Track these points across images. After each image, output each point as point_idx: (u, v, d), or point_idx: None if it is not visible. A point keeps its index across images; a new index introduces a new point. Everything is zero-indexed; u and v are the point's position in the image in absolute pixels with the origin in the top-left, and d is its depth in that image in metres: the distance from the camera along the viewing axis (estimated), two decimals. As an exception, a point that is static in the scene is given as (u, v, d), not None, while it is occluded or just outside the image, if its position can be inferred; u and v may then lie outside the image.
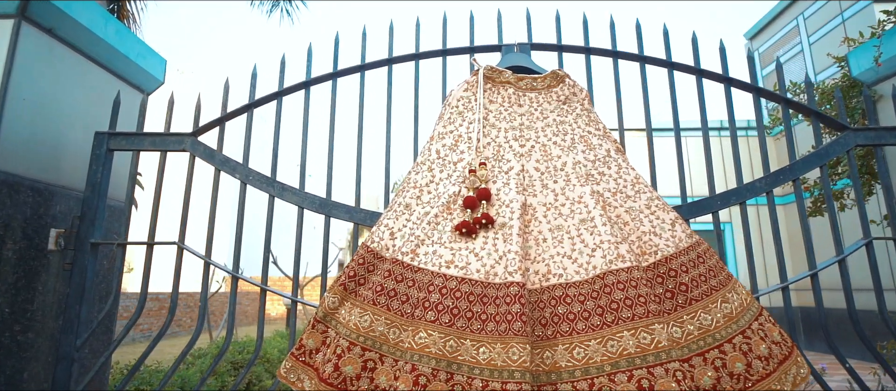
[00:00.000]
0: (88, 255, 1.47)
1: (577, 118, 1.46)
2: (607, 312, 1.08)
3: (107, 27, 1.69)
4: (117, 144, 1.57)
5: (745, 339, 1.10)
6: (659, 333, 1.05)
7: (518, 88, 1.52)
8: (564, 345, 1.08)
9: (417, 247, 1.23)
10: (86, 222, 1.49)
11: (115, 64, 1.81)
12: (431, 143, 1.44)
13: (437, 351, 1.07)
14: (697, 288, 1.15)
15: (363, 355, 1.10)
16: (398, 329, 1.13)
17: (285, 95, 1.66)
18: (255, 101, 1.63)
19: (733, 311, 1.13)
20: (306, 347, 1.19)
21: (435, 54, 1.68)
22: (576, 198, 1.29)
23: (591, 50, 1.66)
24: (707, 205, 1.48)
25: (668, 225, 1.25)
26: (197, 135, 1.61)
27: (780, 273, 1.44)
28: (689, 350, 1.07)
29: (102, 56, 1.75)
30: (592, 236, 1.20)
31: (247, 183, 1.56)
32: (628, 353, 1.03)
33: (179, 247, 1.51)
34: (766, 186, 1.48)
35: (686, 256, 1.20)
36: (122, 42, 1.80)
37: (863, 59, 1.84)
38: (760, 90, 1.58)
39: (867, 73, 1.81)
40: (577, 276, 1.16)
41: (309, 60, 1.66)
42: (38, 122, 1.53)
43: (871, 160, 2.69)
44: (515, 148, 1.41)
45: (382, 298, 1.16)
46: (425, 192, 1.35)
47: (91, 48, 1.69)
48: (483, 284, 1.15)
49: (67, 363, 1.38)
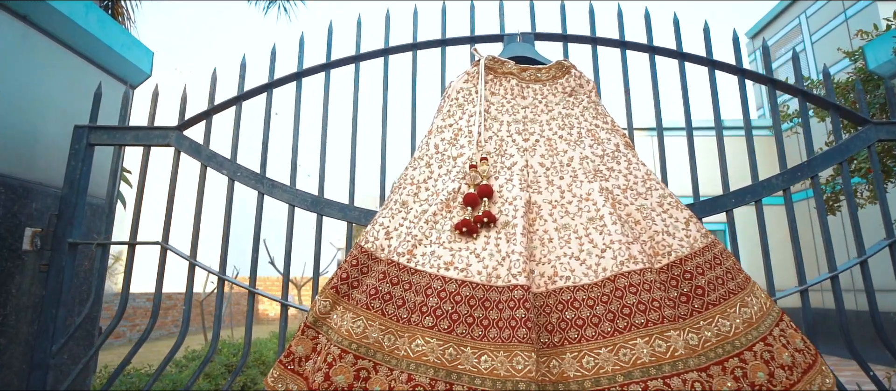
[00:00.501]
0: (66, 256, 1.38)
1: (583, 111, 1.38)
2: (619, 318, 1.00)
3: (88, 16, 1.61)
4: (98, 139, 1.49)
5: (767, 347, 1.02)
6: (675, 341, 0.97)
7: (521, 79, 1.44)
8: (572, 354, 1.00)
9: (414, 248, 1.15)
10: (64, 221, 1.40)
11: (98, 55, 1.72)
12: (430, 137, 1.36)
13: (435, 359, 0.99)
14: (715, 291, 1.07)
15: (356, 364, 1.02)
16: (393, 335, 1.05)
17: (276, 87, 1.57)
18: (244, 94, 1.55)
19: (753, 317, 1.05)
20: (295, 354, 1.11)
21: (434, 44, 1.60)
22: (583, 195, 1.21)
23: (598, 40, 1.58)
24: (721, 204, 1.40)
25: (681, 224, 1.17)
26: (182, 129, 1.53)
27: (798, 274, 1.36)
28: (706, 358, 0.99)
29: (84, 46, 1.66)
30: (602, 236, 1.12)
31: (235, 179, 1.48)
32: (642, 363, 0.95)
33: (163, 248, 1.42)
34: (784, 183, 1.41)
35: (702, 257, 1.12)
36: (105, 32, 1.72)
37: (880, 52, 1.76)
38: (776, 82, 1.50)
39: (885, 66, 1.73)
40: (585, 279, 1.08)
41: (301, 50, 1.58)
42: (13, 115, 1.44)
43: (886, 158, 2.61)
44: (519, 142, 1.33)
45: (377, 302, 1.08)
46: (423, 188, 1.27)
47: (71, 37, 1.61)
48: (485, 287, 1.07)
49: (42, 371, 1.29)
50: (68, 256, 1.39)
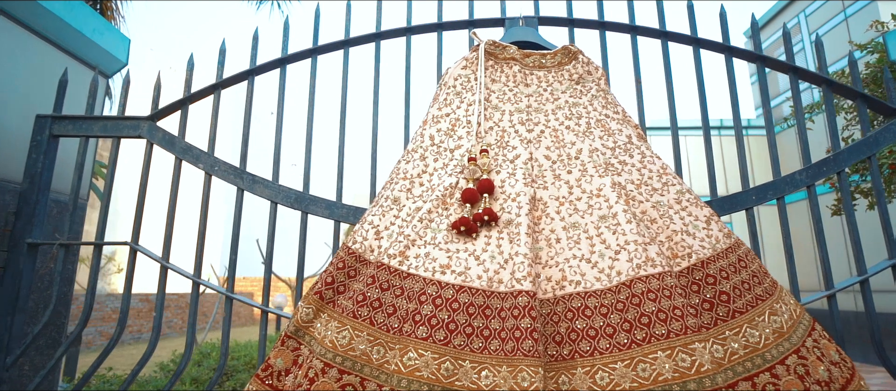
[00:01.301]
0: (24, 257, 1.26)
1: (592, 100, 1.27)
2: (637, 328, 0.89)
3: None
4: (62, 130, 1.37)
5: (801, 360, 0.91)
6: (700, 354, 0.86)
7: (524, 66, 1.32)
8: (585, 368, 0.89)
9: (407, 249, 1.03)
10: (22, 219, 1.28)
11: (67, 41, 1.60)
12: (424, 127, 1.24)
13: (429, 375, 0.88)
14: (741, 298, 0.96)
15: (340, 379, 0.91)
16: (383, 347, 0.93)
17: (258, 75, 1.45)
18: (223, 81, 1.43)
19: (784, 326, 0.94)
20: (274, 368, 0.99)
21: (429, 29, 1.48)
22: (594, 190, 1.10)
23: (607, 25, 1.46)
24: (741, 201, 1.29)
25: (702, 222, 1.06)
26: (156, 119, 1.41)
27: (825, 277, 1.26)
28: (733, 373, 0.88)
29: (50, 31, 1.53)
30: (615, 236, 1.01)
31: (212, 174, 1.36)
32: (664, 379, 0.84)
33: (132, 249, 1.30)
34: (808, 179, 1.30)
35: (725, 260, 1.01)
36: (75, 16, 1.59)
37: (903, 40, 1.66)
38: (799, 71, 1.40)
39: (909, 54, 1.63)
40: (598, 284, 0.96)
41: (285, 35, 1.46)
42: (-33, 103, 1.32)
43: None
44: (522, 133, 1.21)
45: (365, 310, 0.97)
46: (417, 183, 1.15)
47: (35, 21, 1.48)
48: (485, 293, 0.96)
49: (-5, 384, 1.17)
50: (27, 258, 1.27)
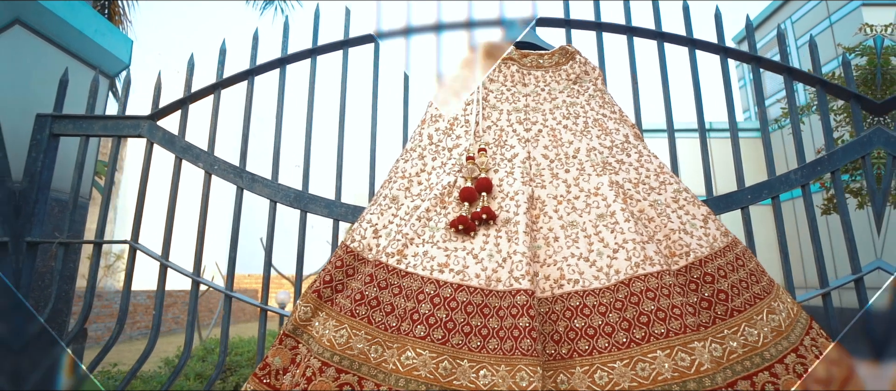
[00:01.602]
0: (24, 256, 1.26)
1: (589, 99, 1.28)
2: (636, 327, 0.89)
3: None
4: (62, 128, 1.37)
5: (800, 359, 0.92)
6: (700, 353, 0.86)
7: (522, 66, 1.33)
8: (583, 368, 0.89)
9: (405, 248, 1.03)
10: (22, 218, 1.28)
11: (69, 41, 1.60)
12: (423, 126, 1.25)
13: (427, 374, 0.88)
14: (739, 296, 0.97)
15: (338, 378, 0.91)
16: (381, 346, 0.93)
17: (258, 75, 1.46)
18: (223, 81, 1.43)
19: (782, 324, 0.95)
20: (272, 367, 1.00)
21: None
22: (592, 189, 1.11)
23: (603, 26, 1.47)
24: (736, 200, 1.30)
25: (699, 221, 1.06)
26: (156, 118, 1.41)
27: (820, 276, 1.26)
28: (732, 372, 0.88)
29: (52, 31, 1.54)
30: (613, 234, 1.02)
31: (212, 173, 1.36)
32: (664, 379, 0.84)
33: (132, 247, 1.30)
34: (802, 179, 1.31)
35: (723, 258, 1.01)
36: (77, 17, 1.59)
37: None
38: (793, 71, 1.40)
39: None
40: (596, 283, 0.97)
41: (285, 35, 1.46)
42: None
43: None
44: (520, 132, 1.22)
45: (363, 309, 0.97)
46: (415, 182, 1.16)
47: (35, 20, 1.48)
48: (483, 292, 0.96)
49: (-6, 383, 1.17)
50: (27, 256, 1.27)
